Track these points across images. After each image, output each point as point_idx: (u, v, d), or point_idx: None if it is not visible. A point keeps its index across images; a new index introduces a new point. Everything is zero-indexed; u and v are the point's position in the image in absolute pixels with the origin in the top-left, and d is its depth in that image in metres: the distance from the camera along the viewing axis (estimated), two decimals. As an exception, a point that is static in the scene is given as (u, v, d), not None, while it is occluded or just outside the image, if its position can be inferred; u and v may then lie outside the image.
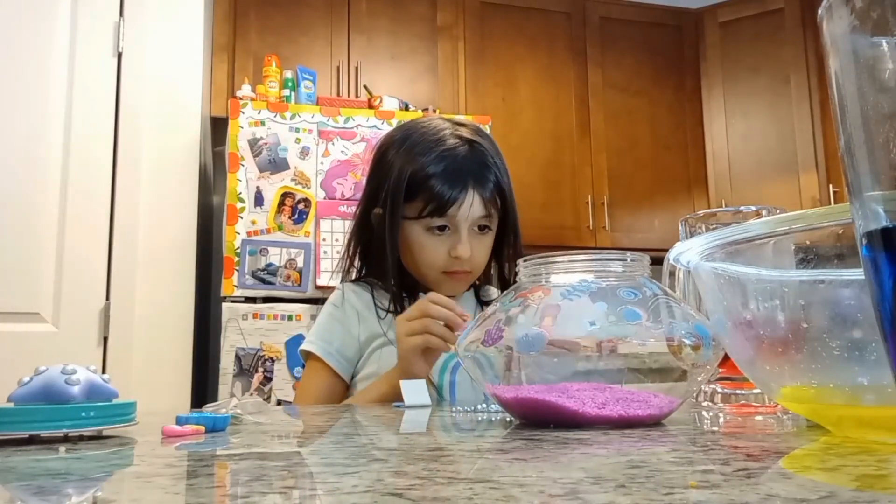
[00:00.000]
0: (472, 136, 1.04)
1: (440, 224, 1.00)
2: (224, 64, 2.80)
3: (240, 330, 2.14)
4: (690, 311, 0.55)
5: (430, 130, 1.04)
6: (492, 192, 1.01)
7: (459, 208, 0.99)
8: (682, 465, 0.32)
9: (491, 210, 1.02)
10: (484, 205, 1.01)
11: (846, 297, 0.39)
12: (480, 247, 1.03)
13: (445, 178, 0.99)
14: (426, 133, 1.04)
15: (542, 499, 0.24)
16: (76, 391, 0.45)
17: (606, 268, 0.57)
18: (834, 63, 0.25)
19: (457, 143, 1.02)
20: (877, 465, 0.31)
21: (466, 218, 1.00)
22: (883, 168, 0.23)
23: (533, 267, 0.58)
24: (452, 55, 3.12)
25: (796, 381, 0.42)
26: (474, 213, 1.00)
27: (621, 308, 0.52)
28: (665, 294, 0.56)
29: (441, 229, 1.01)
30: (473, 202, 1.00)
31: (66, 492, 0.28)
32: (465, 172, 0.99)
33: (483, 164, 1.01)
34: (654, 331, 0.52)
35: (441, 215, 0.99)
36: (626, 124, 3.33)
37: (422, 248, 1.02)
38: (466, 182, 0.99)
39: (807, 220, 0.39)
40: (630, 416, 0.50)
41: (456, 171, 0.99)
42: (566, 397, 0.51)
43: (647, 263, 0.58)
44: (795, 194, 3.21)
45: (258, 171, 2.28)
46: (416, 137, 1.04)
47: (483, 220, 1.02)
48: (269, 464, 0.34)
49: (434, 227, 1.01)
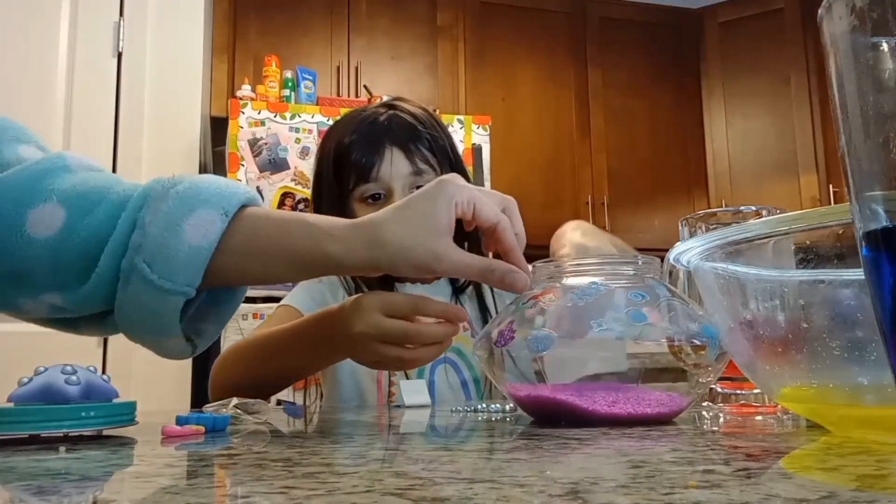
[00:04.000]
0: (399, 104, 1.02)
1: (373, 192, 0.97)
2: (224, 64, 2.80)
3: (240, 330, 2.14)
4: (699, 312, 0.56)
5: (355, 111, 1.04)
6: (421, 151, 0.98)
7: (380, 168, 0.96)
8: (682, 465, 0.32)
9: (423, 168, 0.97)
10: (411, 162, 0.97)
11: (846, 297, 0.39)
12: None
13: (362, 142, 0.96)
14: (353, 112, 1.04)
15: (542, 499, 0.24)
16: (76, 391, 0.45)
17: (617, 270, 0.58)
18: (834, 63, 0.25)
19: (375, 112, 1.00)
20: (877, 465, 0.31)
21: (392, 177, 0.96)
22: (883, 168, 0.23)
23: (546, 269, 0.60)
24: (452, 55, 3.12)
25: (796, 381, 0.42)
26: (400, 171, 0.96)
27: (629, 310, 0.54)
28: (673, 295, 0.57)
29: (375, 198, 0.97)
30: (395, 159, 0.96)
31: (66, 492, 0.28)
32: (381, 132, 0.97)
33: (403, 123, 0.98)
34: (660, 332, 0.53)
35: (366, 179, 0.96)
36: (626, 124, 3.33)
37: None
38: (382, 141, 0.96)
39: (807, 220, 0.39)
40: (639, 413, 0.52)
41: (370, 133, 0.97)
42: (577, 396, 0.52)
43: (657, 266, 0.59)
44: (795, 194, 3.21)
45: (258, 171, 2.28)
46: (344, 118, 1.03)
47: (416, 179, 0.97)
48: (269, 464, 0.34)
49: (367, 196, 0.97)
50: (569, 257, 0.68)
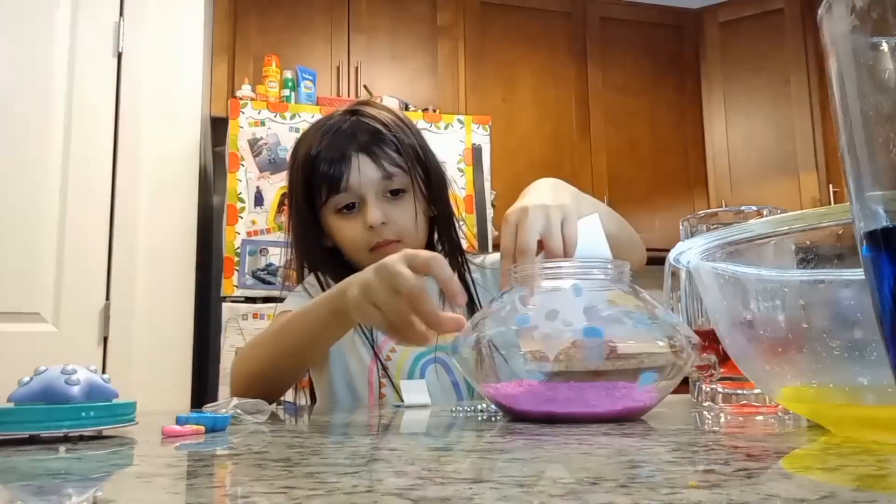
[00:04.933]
0: (361, 109, 1.00)
1: (347, 202, 0.96)
2: (224, 64, 2.80)
3: (240, 330, 2.14)
4: (659, 315, 0.58)
5: (323, 119, 1.02)
6: (388, 153, 0.96)
7: (349, 178, 0.94)
8: (682, 465, 0.32)
9: (393, 171, 0.96)
10: (380, 166, 0.95)
11: (846, 297, 0.39)
12: (398, 211, 0.97)
13: (327, 154, 0.95)
14: (314, 125, 1.02)
15: (542, 499, 0.24)
16: (76, 391, 0.45)
17: (589, 274, 0.62)
18: (834, 63, 0.25)
19: (339, 119, 0.99)
20: (877, 465, 0.31)
21: (362, 185, 0.94)
22: (883, 168, 0.23)
23: (521, 271, 0.64)
24: (452, 55, 3.12)
25: (796, 381, 0.42)
26: (370, 177, 0.95)
27: (593, 308, 0.57)
28: (637, 297, 0.60)
29: (349, 208, 0.96)
30: (362, 166, 0.94)
31: (66, 492, 0.28)
32: (346, 140, 0.95)
33: (367, 128, 0.97)
34: (627, 332, 0.57)
35: (336, 190, 0.95)
36: (626, 125, 3.33)
37: (341, 232, 0.97)
38: (347, 150, 0.95)
39: (807, 220, 0.39)
40: (594, 412, 0.54)
41: (335, 143, 0.96)
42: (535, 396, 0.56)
43: (627, 270, 0.62)
44: (795, 194, 3.21)
45: (258, 171, 2.28)
46: (309, 129, 1.02)
47: (388, 183, 0.96)
48: (269, 464, 0.34)
49: (341, 207, 0.96)
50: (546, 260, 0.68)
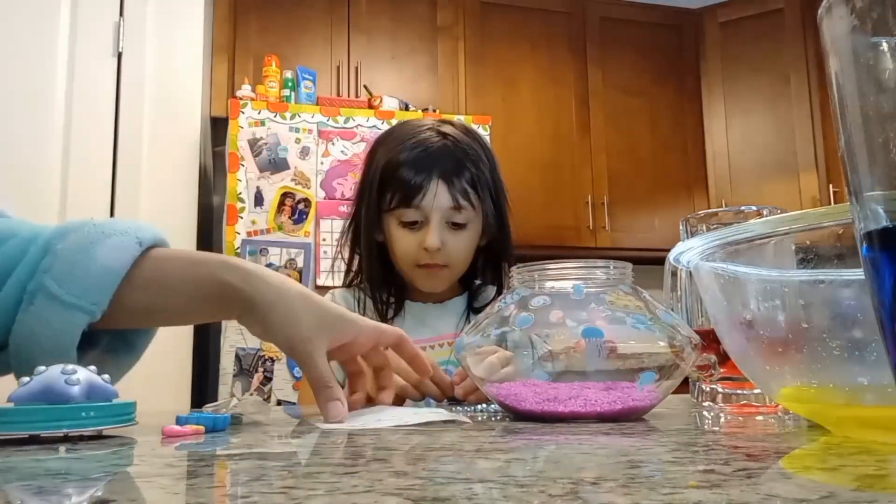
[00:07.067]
0: (450, 132, 1.02)
1: (412, 219, 0.99)
2: (224, 64, 2.80)
3: (240, 330, 2.14)
4: (660, 315, 0.59)
5: (412, 125, 1.05)
6: (464, 186, 0.99)
7: (424, 197, 0.97)
8: (682, 465, 0.32)
9: (463, 204, 0.99)
10: (453, 197, 0.98)
11: (846, 297, 0.39)
12: (455, 241, 1.01)
13: (411, 167, 0.98)
14: (407, 127, 1.04)
15: (542, 499, 0.24)
16: (76, 391, 0.45)
17: (591, 275, 0.62)
18: (834, 63, 0.25)
19: (431, 135, 1.01)
20: (877, 465, 0.31)
21: (433, 208, 0.98)
22: (883, 168, 0.23)
23: (525, 272, 0.64)
24: (452, 55, 3.12)
25: (796, 381, 0.42)
26: (441, 204, 0.98)
27: (597, 309, 0.58)
28: (638, 298, 0.61)
29: (413, 224, 1.00)
30: (438, 192, 0.98)
31: (66, 492, 0.28)
32: (432, 161, 0.98)
33: (454, 157, 0.99)
34: (627, 332, 0.57)
35: (408, 204, 0.98)
36: (626, 124, 3.33)
37: (396, 241, 1.01)
38: (431, 171, 0.98)
39: (807, 220, 0.39)
40: (595, 411, 0.55)
41: (421, 160, 0.98)
42: (541, 396, 0.56)
43: (629, 272, 0.63)
44: (795, 194, 3.21)
45: (258, 171, 2.28)
46: (397, 132, 1.04)
47: (454, 213, 0.99)
48: (269, 464, 0.34)
49: (406, 221, 1.00)
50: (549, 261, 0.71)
